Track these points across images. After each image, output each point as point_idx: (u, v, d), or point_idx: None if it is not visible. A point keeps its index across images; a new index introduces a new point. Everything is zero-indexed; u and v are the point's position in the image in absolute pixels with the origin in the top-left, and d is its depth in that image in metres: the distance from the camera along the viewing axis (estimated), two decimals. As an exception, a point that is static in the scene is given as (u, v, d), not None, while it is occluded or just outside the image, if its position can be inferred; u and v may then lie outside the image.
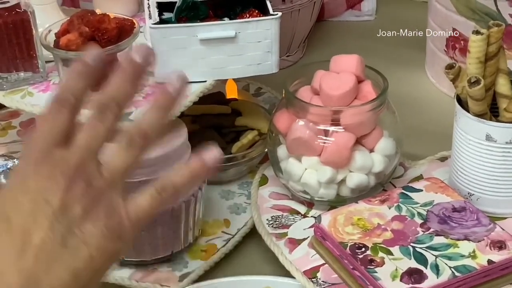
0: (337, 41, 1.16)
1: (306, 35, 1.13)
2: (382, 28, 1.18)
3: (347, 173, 0.81)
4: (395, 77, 0.84)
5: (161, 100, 0.58)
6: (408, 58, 1.10)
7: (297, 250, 0.78)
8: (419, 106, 1.00)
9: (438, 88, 1.05)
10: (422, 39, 1.08)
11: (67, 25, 0.76)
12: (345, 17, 1.22)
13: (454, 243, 0.73)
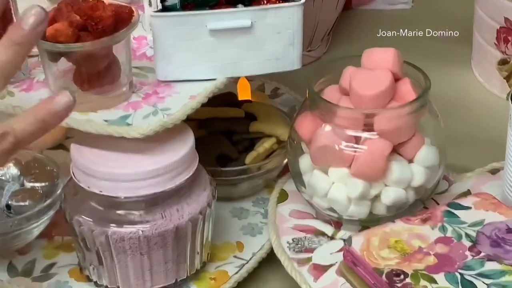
0: (367, 33, 1.15)
1: (331, 26, 1.12)
2: (420, 18, 1.18)
3: (382, 188, 0.79)
4: (436, 76, 0.83)
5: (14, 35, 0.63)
6: (452, 53, 1.09)
7: (323, 278, 0.76)
8: (465, 109, 0.99)
9: (487, 89, 1.05)
10: (468, 30, 1.08)
11: (54, 13, 0.74)
12: (377, 5, 1.22)
13: (509, 269, 0.71)
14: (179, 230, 0.75)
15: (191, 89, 0.78)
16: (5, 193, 0.84)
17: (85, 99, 0.75)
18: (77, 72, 0.76)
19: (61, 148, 0.94)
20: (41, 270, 0.81)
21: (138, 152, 0.75)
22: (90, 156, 0.74)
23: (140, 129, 0.74)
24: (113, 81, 0.77)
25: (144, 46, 0.84)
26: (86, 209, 0.76)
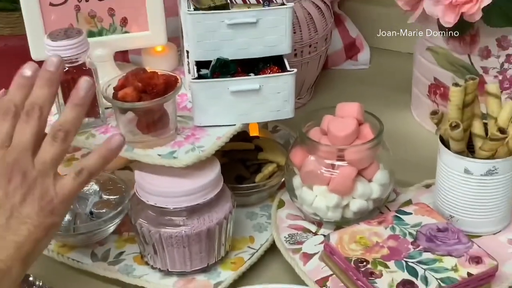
0: (339, 86, 1.17)
1: (313, 81, 1.13)
2: (375, 75, 1.19)
3: (350, 199, 0.82)
4: (386, 117, 0.84)
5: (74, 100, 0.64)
6: (397, 100, 1.10)
7: (310, 262, 0.79)
8: (407, 141, 1.00)
9: (422, 126, 1.06)
10: (408, 85, 1.08)
11: (123, 81, 0.77)
12: (345, 66, 1.22)
13: (440, 258, 0.74)
14: (210, 230, 0.77)
15: (218, 132, 0.80)
16: (89, 204, 0.86)
17: (144, 140, 0.78)
18: (139, 121, 0.77)
19: (127, 169, 0.95)
20: (114, 257, 0.83)
21: (181, 176, 0.76)
22: (148, 179, 0.76)
23: (183, 161, 0.76)
24: (164, 127, 0.78)
25: (185, 101, 0.85)
26: (145, 215, 0.77)
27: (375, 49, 1.23)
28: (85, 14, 0.87)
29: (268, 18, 0.78)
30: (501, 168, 0.78)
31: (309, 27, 1.05)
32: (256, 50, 0.80)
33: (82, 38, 0.78)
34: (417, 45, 1.03)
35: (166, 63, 0.91)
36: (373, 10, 1.21)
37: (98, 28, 0.88)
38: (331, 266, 0.78)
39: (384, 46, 1.23)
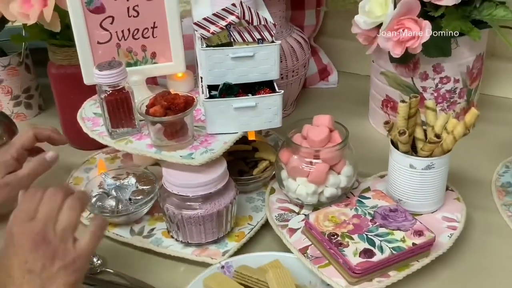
0: (314, 101, 1.16)
1: (295, 97, 1.12)
2: (341, 92, 1.18)
3: (324, 188, 0.81)
4: (350, 125, 0.83)
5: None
6: (358, 112, 1.09)
7: (294, 235, 0.78)
8: (366, 143, 0.99)
9: (377, 131, 1.05)
10: (366, 100, 1.08)
11: (153, 100, 0.76)
12: (319, 85, 1.21)
13: (391, 232, 0.73)
14: (219, 212, 0.76)
15: (225, 138, 0.79)
16: (128, 192, 0.85)
17: (169, 144, 0.77)
18: (165, 130, 0.77)
19: (156, 165, 0.93)
20: (147, 232, 0.82)
21: (197, 172, 0.75)
22: (172, 174, 0.76)
23: (199, 161, 0.75)
24: (184, 135, 0.77)
25: (200, 114, 0.84)
26: (171, 201, 0.77)
27: (341, 73, 1.22)
28: (124, 49, 0.86)
29: (262, 53, 0.77)
30: (437, 163, 0.78)
31: (292, 57, 1.05)
32: (253, 76, 0.79)
33: (121, 68, 0.77)
34: (373, 70, 1.03)
35: (185, 86, 0.90)
36: (340, 43, 1.20)
37: (134, 60, 0.87)
38: (310, 238, 0.77)
39: (348, 70, 1.23)
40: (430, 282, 0.74)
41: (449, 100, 0.97)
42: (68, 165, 0.97)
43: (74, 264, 0.58)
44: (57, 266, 0.57)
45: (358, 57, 1.10)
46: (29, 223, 0.59)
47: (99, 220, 0.63)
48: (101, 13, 0.83)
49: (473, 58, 0.94)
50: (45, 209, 0.59)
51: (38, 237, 0.58)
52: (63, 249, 0.58)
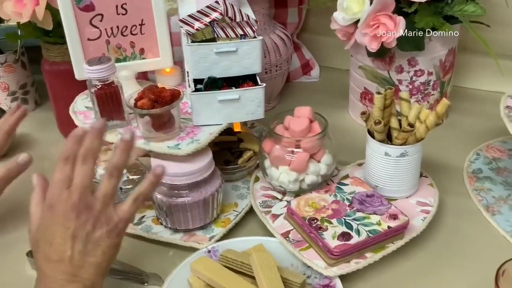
0: (297, 94, 1.15)
1: (279, 91, 1.11)
2: (323, 86, 1.17)
3: (305, 175, 0.81)
4: (331, 116, 0.83)
5: (122, 146, 0.60)
6: (338, 104, 1.08)
7: (277, 220, 0.78)
8: (345, 133, 0.99)
9: (356, 122, 1.05)
10: (346, 93, 1.07)
11: (141, 94, 0.75)
12: (302, 80, 1.20)
13: (368, 216, 0.73)
14: (206, 200, 0.76)
15: (210, 129, 0.79)
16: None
17: (157, 136, 0.76)
18: (153, 122, 0.76)
19: (147, 156, 0.89)
20: (138, 219, 0.81)
21: (184, 161, 0.75)
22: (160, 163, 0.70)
23: (185, 151, 0.74)
24: (171, 126, 0.76)
25: (187, 107, 0.83)
26: (159, 190, 0.75)
27: (323, 67, 1.21)
28: (114, 46, 0.85)
29: (244, 48, 0.77)
30: (411, 151, 0.77)
31: (275, 53, 1.04)
32: (236, 70, 0.78)
33: (110, 63, 0.76)
34: (352, 64, 1.02)
35: (173, 80, 0.89)
36: (322, 40, 1.19)
37: (123, 56, 0.86)
38: (292, 223, 0.77)
39: (329, 65, 1.22)
40: (405, 263, 0.74)
41: (423, 92, 0.97)
42: (62, 157, 0.95)
43: (116, 228, 0.58)
44: (100, 231, 0.57)
45: (338, 52, 1.09)
46: (66, 191, 0.57)
47: (141, 187, 0.62)
48: (91, 11, 0.82)
49: (445, 52, 0.94)
50: (80, 176, 0.58)
51: (80, 204, 0.56)
52: (105, 214, 0.58)
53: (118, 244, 0.59)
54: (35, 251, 0.58)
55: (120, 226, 0.59)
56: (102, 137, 0.60)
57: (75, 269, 0.56)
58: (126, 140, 0.60)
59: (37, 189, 0.61)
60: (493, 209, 0.81)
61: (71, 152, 0.59)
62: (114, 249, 0.59)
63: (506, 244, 0.75)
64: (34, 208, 0.59)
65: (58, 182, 0.58)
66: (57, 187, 0.58)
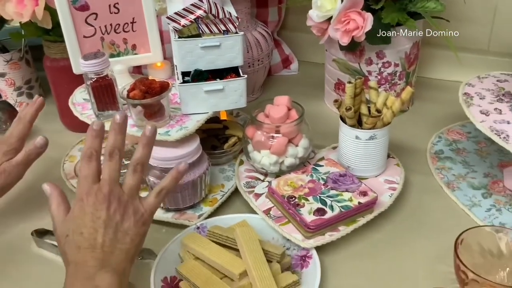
0: (278, 86, 1.13)
1: (262, 83, 1.10)
2: (301, 78, 1.16)
3: (284, 158, 0.81)
4: (308, 105, 0.83)
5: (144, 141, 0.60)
6: (315, 94, 1.07)
7: (259, 199, 0.78)
8: (321, 120, 0.98)
9: (330, 110, 1.04)
10: (322, 84, 1.06)
11: (133, 86, 0.75)
12: (282, 73, 1.19)
13: (341, 193, 0.73)
14: (194, 181, 0.75)
15: (197, 118, 0.78)
16: None
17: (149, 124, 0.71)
18: (145, 112, 0.75)
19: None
20: (133, 200, 0.82)
21: (174, 147, 0.74)
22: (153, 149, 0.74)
23: (174, 137, 0.74)
24: (162, 115, 0.76)
25: (176, 98, 0.82)
26: (152, 173, 0.75)
27: (301, 62, 1.20)
28: (108, 42, 0.83)
29: (227, 42, 0.76)
30: (379, 135, 0.77)
31: (257, 48, 1.03)
32: (220, 63, 0.77)
33: (104, 58, 0.75)
34: (326, 58, 1.01)
35: (164, 74, 0.88)
36: (300, 36, 1.18)
37: (117, 51, 0.84)
38: (273, 201, 0.77)
39: (307, 59, 1.20)
40: (374, 235, 0.74)
41: (391, 82, 0.96)
42: (64, 146, 0.94)
43: (142, 218, 0.57)
44: (128, 221, 0.56)
45: (314, 47, 1.09)
46: (96, 185, 0.57)
47: (164, 182, 0.61)
48: (86, 11, 0.80)
49: (410, 45, 0.93)
50: (108, 171, 0.57)
51: (110, 196, 0.56)
52: (132, 206, 0.57)
53: (145, 233, 0.58)
54: (63, 244, 0.55)
55: (145, 216, 0.58)
56: (124, 131, 0.59)
57: (106, 256, 0.54)
58: (147, 136, 0.60)
59: (53, 195, 0.59)
60: (453, 185, 0.81)
61: (93, 149, 0.58)
62: (141, 237, 0.57)
63: (465, 216, 0.76)
64: (56, 210, 0.57)
65: (86, 177, 0.57)
66: (86, 182, 0.57)
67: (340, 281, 0.67)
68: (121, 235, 0.55)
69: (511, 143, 0.71)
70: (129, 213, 0.57)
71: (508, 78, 0.86)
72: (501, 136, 0.72)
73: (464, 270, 0.59)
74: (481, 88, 0.83)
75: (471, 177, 0.82)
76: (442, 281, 0.65)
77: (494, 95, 0.81)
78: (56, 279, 0.69)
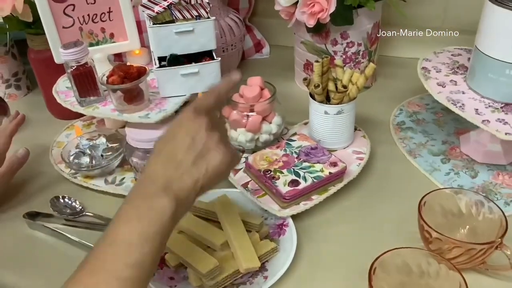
0: (252, 69, 1.09)
1: (236, 66, 1.07)
2: (273, 61, 1.13)
3: (259, 135, 0.78)
4: (280, 85, 0.80)
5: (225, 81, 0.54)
6: (286, 75, 1.04)
7: (238, 174, 0.75)
8: (292, 98, 0.94)
9: (301, 89, 1.01)
10: (292, 65, 1.02)
11: (112, 72, 0.71)
12: (255, 57, 1.15)
13: (312, 165, 0.71)
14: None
15: (176, 100, 0.74)
16: (100, 149, 0.79)
17: (129, 108, 0.71)
18: (125, 96, 0.71)
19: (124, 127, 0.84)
20: (119, 181, 0.76)
21: (154, 129, 0.70)
22: (134, 131, 0.71)
23: (154, 119, 0.70)
24: (141, 99, 0.72)
25: (155, 82, 0.78)
26: (135, 154, 0.72)
27: (272, 46, 1.16)
28: (86, 32, 0.78)
29: (200, 27, 0.71)
30: (346, 109, 0.75)
31: (230, 33, 0.99)
32: (195, 48, 0.73)
33: (83, 46, 0.70)
34: (295, 41, 0.97)
35: (143, 60, 0.83)
36: (270, 22, 1.14)
37: (96, 40, 0.79)
38: (250, 175, 0.74)
39: (277, 43, 1.16)
40: (345, 202, 0.72)
41: (355, 60, 0.93)
42: (52, 132, 0.90)
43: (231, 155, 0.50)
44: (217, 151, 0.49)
45: (284, 32, 1.04)
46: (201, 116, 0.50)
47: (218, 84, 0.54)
48: (63, 2, 0.75)
49: (371, 26, 0.90)
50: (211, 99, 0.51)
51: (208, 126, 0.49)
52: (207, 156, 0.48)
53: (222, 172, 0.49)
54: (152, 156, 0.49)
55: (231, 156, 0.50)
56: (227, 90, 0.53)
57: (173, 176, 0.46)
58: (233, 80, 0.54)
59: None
60: (414, 153, 0.79)
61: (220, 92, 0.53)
62: (215, 175, 0.49)
63: (426, 181, 0.74)
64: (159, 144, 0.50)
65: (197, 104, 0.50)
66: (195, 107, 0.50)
67: (315, 246, 0.65)
68: (201, 163, 0.48)
69: (466, 111, 0.69)
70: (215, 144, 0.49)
71: (462, 52, 0.84)
72: (457, 105, 0.70)
73: (428, 230, 0.57)
74: (438, 62, 0.81)
75: (430, 145, 0.81)
76: (409, 241, 0.63)
77: (450, 68, 0.79)
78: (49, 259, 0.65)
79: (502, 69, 0.68)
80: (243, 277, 0.60)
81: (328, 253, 0.64)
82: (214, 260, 0.58)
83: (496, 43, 0.67)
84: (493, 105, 0.70)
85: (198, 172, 0.47)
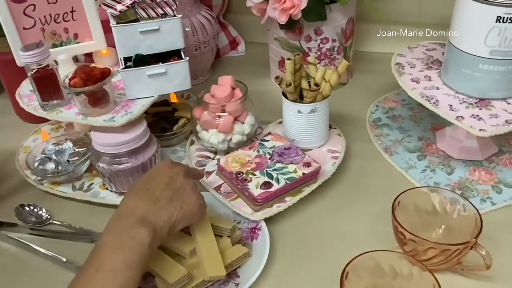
0: (227, 67, 1.06)
1: (210, 65, 1.03)
2: (249, 58, 1.10)
3: (231, 136, 0.75)
4: (255, 83, 0.79)
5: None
6: (261, 72, 1.01)
7: (210, 176, 0.72)
8: (267, 97, 0.91)
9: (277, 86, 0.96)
10: (267, 62, 0.99)
11: (74, 74, 0.67)
12: (230, 54, 1.12)
13: (286, 166, 0.68)
14: (144, 164, 0.69)
15: (143, 102, 0.71)
16: (66, 155, 0.76)
17: (94, 111, 0.68)
18: (89, 99, 0.67)
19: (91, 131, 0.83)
20: (87, 186, 0.73)
21: (120, 132, 0.67)
22: (99, 136, 0.67)
23: (119, 122, 0.67)
24: (106, 102, 0.68)
25: (121, 84, 0.74)
26: (102, 159, 0.68)
27: (248, 43, 1.13)
28: (49, 33, 0.74)
29: (166, 26, 0.68)
30: (319, 107, 0.72)
31: (202, 31, 0.95)
32: (161, 47, 0.70)
33: (43, 48, 0.66)
34: (269, 37, 0.94)
35: (110, 61, 0.80)
36: (245, 18, 1.10)
37: (59, 41, 0.75)
38: (222, 178, 0.71)
39: (253, 40, 1.13)
40: (319, 203, 0.69)
41: (330, 57, 0.91)
42: (19, 136, 0.86)
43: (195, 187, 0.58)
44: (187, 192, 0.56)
45: (260, 28, 1.02)
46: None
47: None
48: (23, 2, 0.71)
49: (345, 21, 0.88)
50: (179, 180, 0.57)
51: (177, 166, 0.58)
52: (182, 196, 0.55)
53: (195, 211, 0.55)
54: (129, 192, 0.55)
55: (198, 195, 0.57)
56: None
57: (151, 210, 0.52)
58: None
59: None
60: (390, 150, 0.77)
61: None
62: (189, 213, 0.55)
63: (402, 178, 0.72)
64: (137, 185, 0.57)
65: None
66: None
67: (289, 249, 0.63)
68: (176, 197, 0.54)
69: (440, 108, 0.67)
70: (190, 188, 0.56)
71: (436, 47, 0.82)
72: (431, 102, 0.69)
73: (402, 231, 0.56)
74: (412, 57, 0.79)
75: (407, 141, 0.79)
76: (385, 241, 0.61)
77: (424, 63, 0.77)
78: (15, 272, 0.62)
79: (476, 64, 0.66)
80: (213, 285, 0.58)
81: (302, 257, 0.62)
82: (182, 268, 0.56)
83: (468, 37, 0.65)
84: (468, 101, 0.69)
85: (173, 208, 0.53)
